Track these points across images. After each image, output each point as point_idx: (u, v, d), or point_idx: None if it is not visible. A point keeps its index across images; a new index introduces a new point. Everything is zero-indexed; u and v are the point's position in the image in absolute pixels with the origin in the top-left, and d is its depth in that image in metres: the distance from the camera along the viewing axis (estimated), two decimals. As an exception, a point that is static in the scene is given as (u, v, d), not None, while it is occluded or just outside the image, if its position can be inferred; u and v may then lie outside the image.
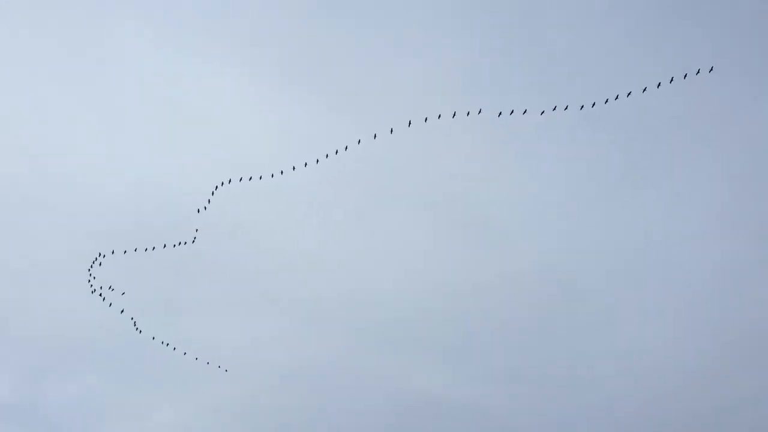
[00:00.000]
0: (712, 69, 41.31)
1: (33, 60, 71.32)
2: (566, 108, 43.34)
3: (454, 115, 44.86)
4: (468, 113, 44.42)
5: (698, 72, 40.83)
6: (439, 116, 45.32)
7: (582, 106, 43.90)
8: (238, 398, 72.34)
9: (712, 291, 72.75)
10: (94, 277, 56.44)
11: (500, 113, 44.70)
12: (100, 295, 56.98)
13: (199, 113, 73.18)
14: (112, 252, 56.81)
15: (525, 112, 43.91)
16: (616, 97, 43.88)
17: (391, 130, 47.45)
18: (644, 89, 43.63)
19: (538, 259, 75.91)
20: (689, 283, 74.09)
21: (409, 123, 46.88)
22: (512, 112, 43.92)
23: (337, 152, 49.19)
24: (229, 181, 52.44)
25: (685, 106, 71.87)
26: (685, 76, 41.42)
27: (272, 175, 52.08)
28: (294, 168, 51.50)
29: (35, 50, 71.15)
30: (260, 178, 52.47)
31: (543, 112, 44.05)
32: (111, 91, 72.00)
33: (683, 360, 70.86)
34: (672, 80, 41.93)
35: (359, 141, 48.14)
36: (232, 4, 74.75)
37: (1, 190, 70.30)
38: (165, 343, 62.94)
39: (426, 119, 46.00)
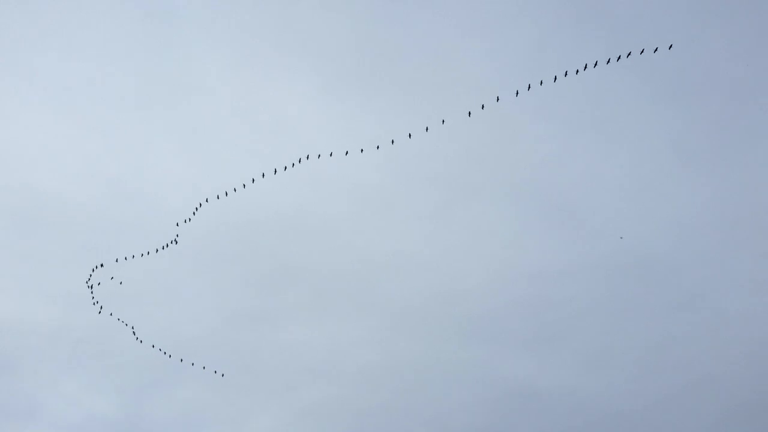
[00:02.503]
0: None
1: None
2: (619, 57, 42.10)
3: (517, 93, 44.05)
4: (529, 87, 43.47)
5: None
6: (498, 99, 44.29)
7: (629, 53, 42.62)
8: (333, 400, 73.02)
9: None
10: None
11: (555, 77, 43.51)
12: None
13: (276, 123, 73.80)
14: None
15: (585, 67, 42.73)
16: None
17: (443, 121, 46.76)
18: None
19: (623, 241, 74.75)
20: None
21: (469, 113, 46.19)
22: (566, 73, 42.78)
23: (393, 142, 48.55)
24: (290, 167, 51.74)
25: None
26: None
27: (342, 153, 50.99)
28: (362, 150, 50.40)
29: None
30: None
31: (596, 63, 42.56)
32: (192, 113, 73.50)
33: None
34: None
35: (427, 128, 47.42)
36: (291, 17, 75.31)
37: (87, 213, 71.80)
38: (164, 352, 62.85)
39: (483, 106, 45.22)
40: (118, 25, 73.57)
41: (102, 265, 57.59)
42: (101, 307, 59.36)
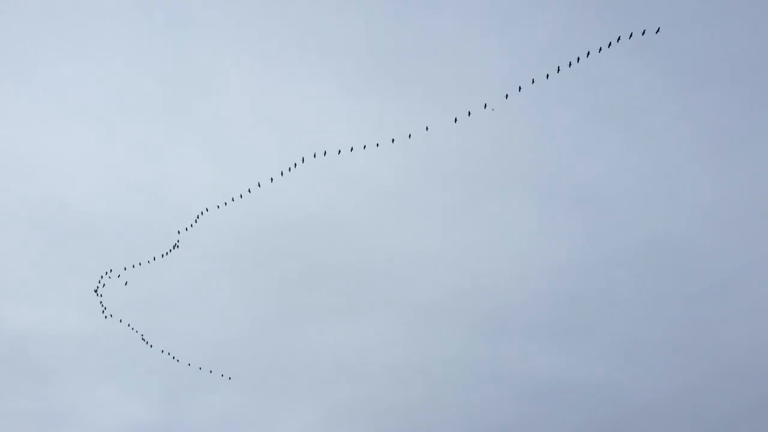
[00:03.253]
0: None
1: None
2: (619, 39, 41.54)
3: (533, 81, 43.56)
4: (547, 76, 43.05)
5: None
6: (520, 88, 43.88)
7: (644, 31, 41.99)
8: (362, 399, 73.33)
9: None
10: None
11: (579, 59, 42.98)
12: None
13: (297, 123, 74.07)
14: None
15: (601, 50, 42.17)
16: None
17: (469, 113, 46.36)
18: None
19: (653, 229, 74.11)
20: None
21: (485, 105, 45.84)
22: (578, 60, 42.26)
23: (409, 136, 48.22)
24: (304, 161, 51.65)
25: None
26: None
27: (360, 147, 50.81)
28: (377, 144, 50.13)
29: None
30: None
31: (610, 44, 41.87)
32: (213, 116, 74.12)
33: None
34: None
35: (456, 119, 47.13)
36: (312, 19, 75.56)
37: (116, 221, 72.79)
38: (171, 355, 63.33)
39: (507, 96, 44.86)
40: (139, 33, 74.36)
41: (111, 271, 58.28)
42: (110, 315, 60.14)
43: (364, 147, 49.79)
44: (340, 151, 49.74)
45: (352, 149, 49.44)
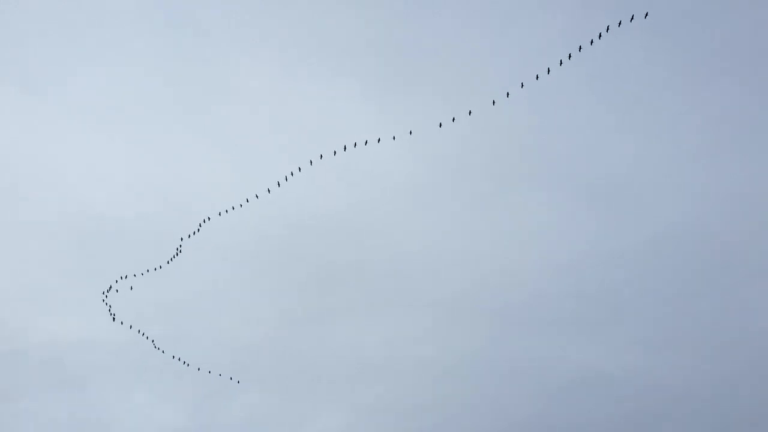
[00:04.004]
0: None
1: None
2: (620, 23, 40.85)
3: (549, 71, 42.83)
4: (561, 62, 42.27)
5: None
6: (537, 77, 43.13)
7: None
8: (391, 397, 73.38)
9: None
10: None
11: (580, 48, 42.14)
12: None
13: (315, 123, 74.07)
14: None
15: (608, 29, 41.28)
16: None
17: (469, 112, 45.65)
18: None
19: (676, 217, 73.17)
20: None
21: (508, 94, 45.11)
22: (591, 42, 41.34)
23: (424, 128, 47.69)
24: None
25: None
26: None
27: (374, 142, 50.32)
28: (394, 137, 49.81)
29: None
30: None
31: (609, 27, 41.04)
32: (229, 118, 74.28)
33: None
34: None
35: (470, 112, 46.56)
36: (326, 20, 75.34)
37: (142, 227, 73.36)
38: (182, 360, 63.73)
39: (522, 85, 44.17)
40: (153, 38, 75.03)
41: (126, 276, 58.64)
42: (121, 321, 60.70)
43: (378, 140, 49.58)
44: (355, 144, 49.41)
45: (366, 142, 49.16)
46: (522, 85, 44.46)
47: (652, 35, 71.18)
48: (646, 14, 41.17)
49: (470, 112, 46.93)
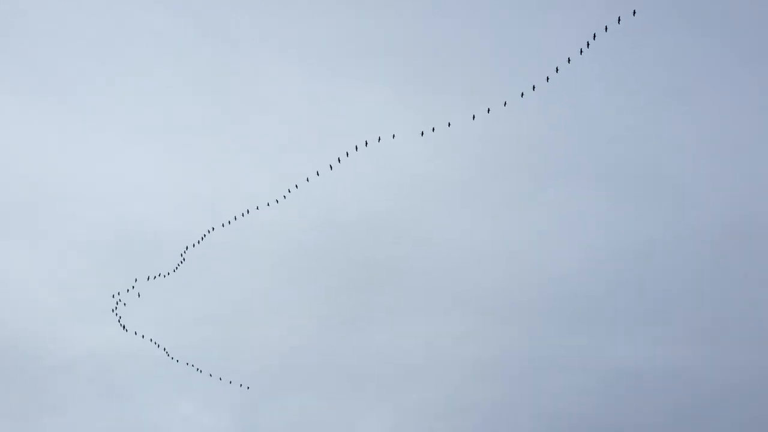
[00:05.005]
0: None
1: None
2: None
3: (569, 61, 41.57)
4: (581, 51, 41.07)
5: None
6: (557, 69, 42.15)
7: None
8: (438, 398, 72.85)
9: None
10: None
11: (594, 35, 40.93)
12: None
13: (344, 123, 74.27)
14: None
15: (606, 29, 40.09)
16: None
17: (522, 94, 44.54)
18: None
19: (719, 205, 71.41)
20: None
21: (534, 87, 44.11)
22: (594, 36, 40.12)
23: (449, 125, 46.81)
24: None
25: None
26: None
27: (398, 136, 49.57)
28: (422, 133, 48.98)
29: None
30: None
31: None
32: (262, 124, 75.01)
33: None
34: None
35: (505, 103, 45.59)
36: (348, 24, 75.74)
37: (181, 237, 74.25)
38: (195, 367, 63.63)
39: (548, 78, 43.17)
40: (182, 47, 76.17)
41: (137, 280, 59.16)
42: (127, 329, 61.20)
43: (393, 136, 48.58)
44: (379, 139, 48.41)
45: (393, 136, 48.37)
46: (557, 69, 43.40)
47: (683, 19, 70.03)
48: (634, 12, 39.99)
49: (505, 103, 46.32)
